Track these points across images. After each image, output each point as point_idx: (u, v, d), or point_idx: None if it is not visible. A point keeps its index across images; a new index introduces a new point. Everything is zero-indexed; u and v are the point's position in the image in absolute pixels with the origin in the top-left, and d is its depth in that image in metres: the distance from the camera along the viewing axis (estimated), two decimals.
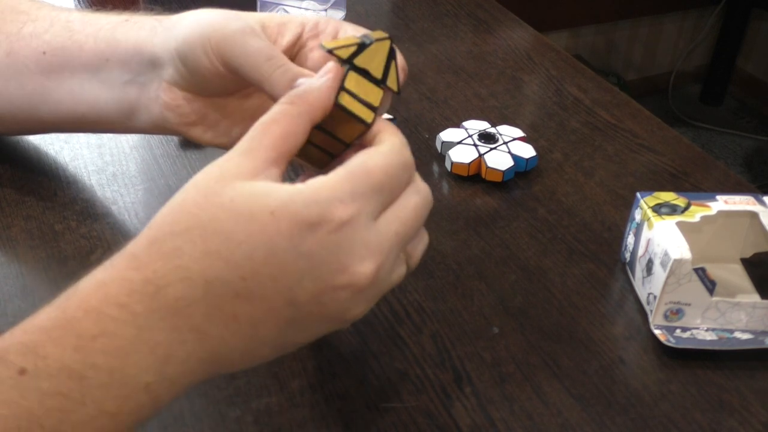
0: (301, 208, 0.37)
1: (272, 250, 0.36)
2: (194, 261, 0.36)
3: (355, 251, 0.38)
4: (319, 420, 0.47)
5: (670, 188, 0.67)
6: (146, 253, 0.37)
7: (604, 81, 0.83)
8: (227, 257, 0.36)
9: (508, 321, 0.54)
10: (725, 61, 2.70)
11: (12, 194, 0.61)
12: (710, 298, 0.53)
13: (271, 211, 0.37)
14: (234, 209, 0.37)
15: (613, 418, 0.48)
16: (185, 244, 0.36)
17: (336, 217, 0.37)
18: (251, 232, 0.36)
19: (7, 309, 0.52)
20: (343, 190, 0.38)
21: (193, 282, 0.36)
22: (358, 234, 0.38)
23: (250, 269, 0.36)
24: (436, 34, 0.90)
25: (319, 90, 0.42)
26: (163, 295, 0.36)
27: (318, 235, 0.37)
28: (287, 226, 0.36)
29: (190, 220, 0.37)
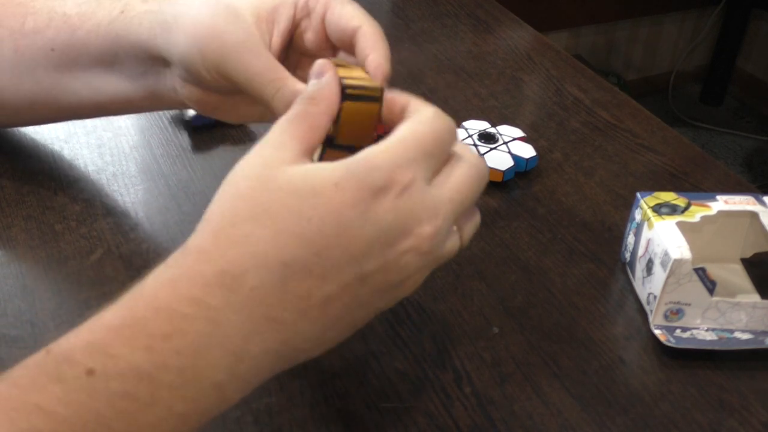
0: (364, 176, 0.36)
1: (341, 221, 0.36)
2: (267, 243, 0.35)
3: (416, 214, 0.38)
4: (319, 420, 0.47)
5: (670, 188, 0.67)
6: (214, 244, 0.36)
7: (604, 81, 0.83)
8: (299, 233, 0.36)
9: (508, 321, 0.54)
10: (725, 61, 2.70)
11: (12, 194, 0.61)
12: (710, 298, 0.53)
13: (335, 182, 0.36)
14: (295, 188, 0.36)
15: (613, 418, 0.48)
16: (255, 228, 0.36)
17: (399, 180, 0.37)
18: (318, 205, 0.36)
19: (7, 309, 0.52)
20: (399, 155, 0.37)
21: (269, 266, 0.35)
22: (418, 197, 0.38)
23: (322, 243, 0.36)
24: (436, 34, 0.90)
25: (328, 84, 0.41)
26: (240, 285, 0.35)
27: (383, 200, 0.37)
28: (352, 195, 0.36)
29: (253, 207, 0.36)
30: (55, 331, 0.50)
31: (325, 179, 0.36)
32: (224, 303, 0.35)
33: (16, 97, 0.58)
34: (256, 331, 0.35)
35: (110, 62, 0.54)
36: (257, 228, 0.36)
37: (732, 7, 2.61)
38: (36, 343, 0.50)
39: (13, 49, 0.57)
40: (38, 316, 0.52)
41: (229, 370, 0.35)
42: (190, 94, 0.52)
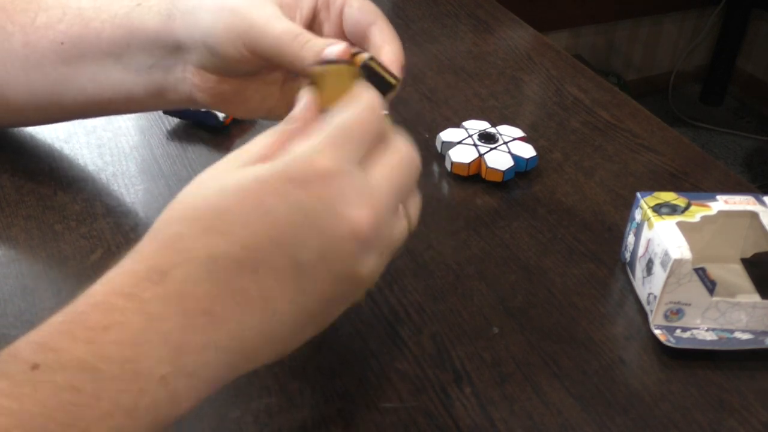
0: (283, 167, 0.37)
1: (265, 210, 0.36)
2: (194, 240, 0.36)
3: (348, 199, 0.38)
4: (319, 420, 0.47)
5: (670, 188, 0.67)
6: (148, 245, 0.37)
7: (604, 81, 0.83)
8: (225, 230, 0.36)
9: (508, 321, 0.54)
10: (725, 61, 2.70)
11: (12, 194, 0.61)
12: (710, 298, 0.53)
13: (256, 177, 0.37)
14: (223, 187, 0.37)
15: (613, 418, 0.48)
16: (183, 228, 0.37)
17: (319, 167, 0.37)
18: (241, 199, 0.37)
19: (7, 309, 0.52)
20: (318, 142, 0.38)
21: (197, 261, 0.36)
22: (346, 181, 0.38)
23: (248, 235, 0.36)
24: (436, 34, 0.90)
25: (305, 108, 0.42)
26: (170, 279, 0.35)
27: (307, 188, 0.37)
28: (274, 186, 0.37)
29: (184, 208, 0.38)
30: None
31: (249, 177, 0.37)
32: (155, 296, 0.35)
33: (22, 94, 0.59)
34: (192, 324, 0.35)
35: (119, 54, 0.55)
36: (185, 227, 0.37)
37: (732, 7, 2.61)
38: None
39: (23, 43, 0.57)
40: (38, 316, 0.52)
41: (172, 363, 0.35)
42: (203, 83, 0.52)
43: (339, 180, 0.38)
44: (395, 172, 0.41)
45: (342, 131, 0.39)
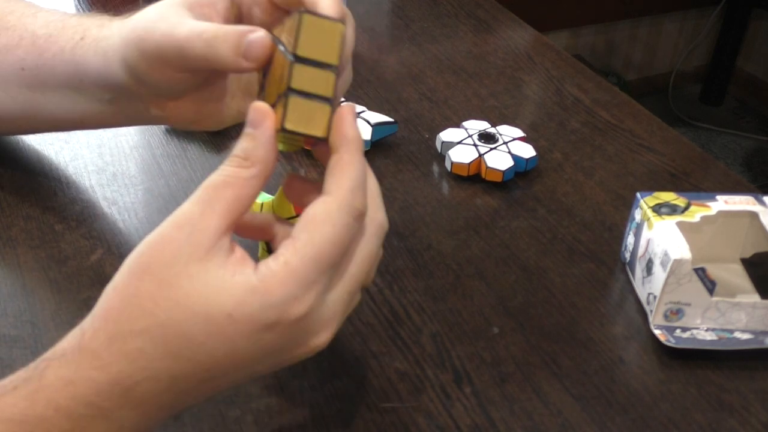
0: (258, 312, 0.37)
1: (233, 348, 0.37)
2: (158, 360, 0.37)
3: (311, 332, 0.39)
4: (319, 420, 0.47)
5: (670, 188, 0.67)
6: (108, 352, 0.37)
7: (604, 81, 0.83)
8: (190, 356, 0.37)
9: (508, 321, 0.54)
10: (725, 61, 2.70)
11: (12, 194, 0.61)
12: (710, 298, 0.53)
13: (228, 313, 0.37)
14: (191, 308, 0.37)
15: (613, 418, 0.48)
16: (146, 344, 0.37)
17: (292, 315, 0.37)
18: (210, 332, 0.37)
19: (7, 309, 0.52)
20: (296, 285, 0.37)
21: (159, 379, 0.37)
22: (312, 319, 0.39)
23: (213, 363, 0.38)
24: (436, 34, 0.90)
25: (264, 144, 0.40)
26: (131, 392, 0.37)
27: (275, 331, 0.38)
28: (244, 328, 0.37)
29: (148, 319, 0.37)
30: (55, 331, 0.51)
31: (220, 307, 0.37)
32: (117, 405, 0.37)
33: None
34: (149, 418, 0.38)
35: (77, 87, 0.55)
36: (149, 344, 0.37)
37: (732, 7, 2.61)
38: (36, 343, 0.50)
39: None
40: (38, 316, 0.52)
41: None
42: (163, 111, 0.52)
43: (308, 319, 0.38)
44: (361, 274, 0.41)
45: (320, 264, 0.38)
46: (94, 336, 0.38)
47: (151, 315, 0.37)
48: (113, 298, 0.38)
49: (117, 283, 0.38)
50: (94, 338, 0.38)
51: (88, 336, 0.38)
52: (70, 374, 0.37)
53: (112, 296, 0.38)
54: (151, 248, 0.38)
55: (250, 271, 0.38)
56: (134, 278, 0.38)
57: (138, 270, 0.38)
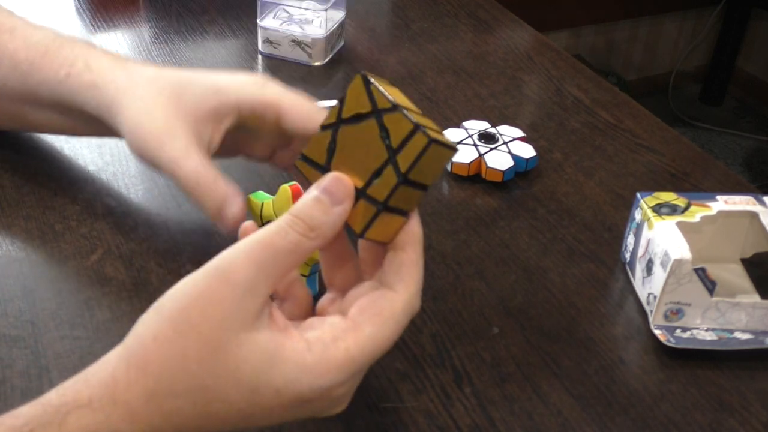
0: (306, 391, 0.37)
1: (269, 414, 0.38)
2: (192, 419, 0.37)
3: (337, 404, 0.40)
4: (319, 420, 0.47)
5: (670, 188, 0.67)
6: (144, 408, 0.36)
7: (604, 81, 0.83)
8: (224, 419, 0.37)
9: (508, 321, 0.54)
10: (725, 61, 2.70)
11: (12, 194, 0.61)
12: (710, 298, 0.53)
13: (277, 389, 0.37)
14: (239, 379, 0.36)
15: (613, 418, 0.48)
16: (186, 405, 0.36)
17: (334, 395, 0.38)
18: (254, 403, 0.37)
19: (8, 309, 0.52)
20: (347, 373, 0.38)
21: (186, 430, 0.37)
22: (346, 395, 0.40)
23: (242, 422, 0.38)
24: (436, 34, 0.90)
25: (335, 225, 0.39)
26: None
27: (313, 404, 0.38)
28: (288, 402, 0.37)
29: (191, 381, 0.36)
30: (55, 331, 0.51)
31: (269, 383, 0.36)
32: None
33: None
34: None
35: (62, 111, 0.57)
36: (189, 405, 0.36)
37: (732, 7, 2.61)
38: (36, 343, 0.50)
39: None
40: (38, 316, 0.52)
41: None
42: None
43: (342, 396, 0.39)
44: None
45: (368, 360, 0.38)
46: (129, 389, 0.36)
47: (196, 378, 0.36)
48: (153, 351, 0.36)
49: (157, 334, 0.36)
50: (128, 391, 0.36)
51: (122, 387, 0.36)
52: (96, 424, 0.36)
53: (151, 348, 0.36)
54: (198, 302, 0.36)
55: (302, 347, 0.37)
56: (179, 335, 0.36)
57: (184, 326, 0.36)
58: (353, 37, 0.88)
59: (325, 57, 0.82)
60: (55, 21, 0.86)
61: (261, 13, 0.82)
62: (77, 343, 0.50)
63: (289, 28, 0.82)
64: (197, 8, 0.91)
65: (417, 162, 0.38)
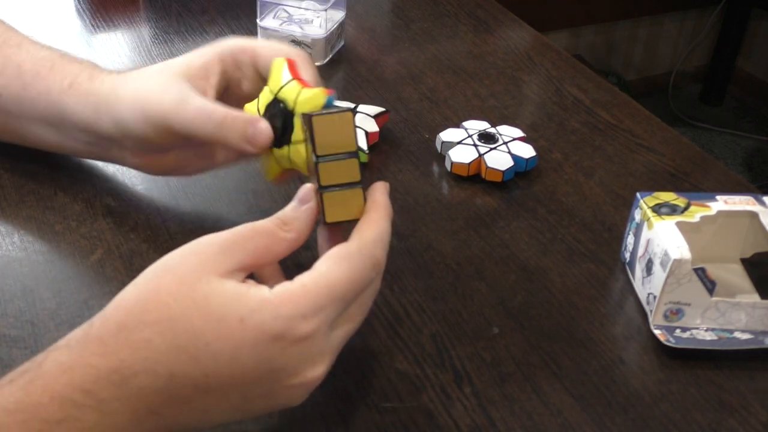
0: (268, 320, 0.39)
1: (236, 354, 0.38)
2: (161, 354, 0.38)
3: (310, 359, 0.40)
4: (319, 420, 0.47)
5: (670, 188, 0.67)
6: (114, 340, 0.38)
7: (604, 81, 0.83)
8: (194, 354, 0.38)
9: (508, 321, 0.54)
10: (725, 61, 2.70)
11: (12, 194, 0.61)
12: (710, 298, 0.53)
13: (241, 317, 0.38)
14: (206, 308, 0.38)
15: (613, 418, 0.48)
16: (155, 335, 0.38)
17: (298, 332, 0.39)
18: (219, 334, 0.38)
19: (8, 309, 0.52)
20: (306, 305, 0.39)
21: (158, 374, 0.38)
22: (315, 345, 0.40)
23: (213, 368, 0.38)
24: (436, 34, 0.90)
25: (305, 219, 0.44)
26: (128, 384, 0.37)
27: (280, 344, 0.39)
28: (253, 334, 0.38)
29: (162, 311, 0.38)
30: (56, 331, 0.51)
31: (234, 311, 0.39)
32: (112, 396, 0.37)
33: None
34: (139, 420, 0.38)
35: (57, 125, 0.58)
36: (157, 336, 0.38)
37: (732, 7, 2.61)
38: (36, 343, 0.50)
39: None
40: (38, 316, 0.52)
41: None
42: (141, 161, 0.57)
43: (310, 344, 0.40)
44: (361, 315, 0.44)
45: (332, 293, 0.40)
46: (103, 325, 0.39)
47: (165, 308, 0.38)
48: (131, 292, 0.40)
49: (137, 282, 0.40)
50: (102, 327, 0.38)
51: (97, 325, 0.39)
52: (71, 361, 0.37)
53: (130, 290, 0.40)
54: (178, 255, 0.40)
55: (265, 288, 0.40)
56: (156, 277, 0.40)
57: (161, 270, 0.40)
58: (353, 37, 0.88)
59: (325, 57, 0.82)
60: (55, 21, 0.86)
61: (261, 13, 0.82)
62: None
63: (289, 28, 0.82)
64: (197, 8, 0.91)
65: (314, 138, 0.43)
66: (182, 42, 0.84)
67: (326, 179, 0.44)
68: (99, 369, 0.37)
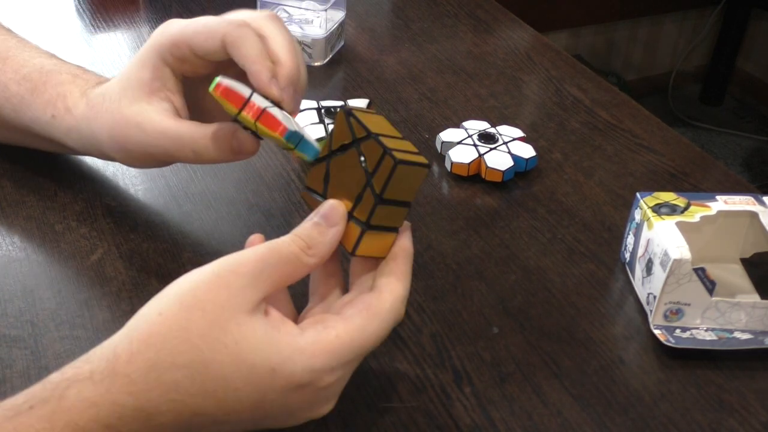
0: (299, 372, 0.39)
1: (262, 399, 0.39)
2: (190, 396, 0.38)
3: (326, 400, 0.42)
4: (319, 420, 0.47)
5: (670, 188, 0.67)
6: (143, 380, 0.37)
7: (604, 81, 0.83)
8: (221, 398, 0.38)
9: (508, 321, 0.54)
10: (725, 61, 2.70)
11: (12, 194, 0.61)
12: (710, 298, 0.53)
13: (272, 367, 0.38)
14: (238, 355, 0.38)
15: (613, 418, 0.48)
16: (185, 379, 0.38)
17: (324, 382, 0.40)
18: (249, 382, 0.38)
19: (8, 309, 0.52)
20: (339, 359, 0.40)
21: (182, 413, 0.38)
22: (333, 390, 0.41)
23: (236, 409, 0.39)
24: (436, 34, 0.90)
25: (330, 244, 0.43)
26: (151, 421, 0.38)
27: (304, 392, 0.40)
28: (281, 384, 0.39)
29: (193, 354, 0.38)
30: (56, 331, 0.51)
31: (265, 361, 0.38)
32: (133, 430, 0.37)
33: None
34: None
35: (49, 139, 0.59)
36: (188, 380, 0.38)
37: (732, 7, 2.61)
38: (36, 343, 0.50)
39: None
40: (38, 316, 0.52)
41: None
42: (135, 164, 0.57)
43: (329, 389, 0.41)
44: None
45: (361, 349, 0.41)
46: (131, 361, 0.37)
47: (197, 351, 0.38)
48: (158, 324, 0.38)
49: (163, 310, 0.38)
50: (129, 363, 0.37)
51: (124, 360, 0.38)
52: (96, 397, 0.37)
53: (156, 322, 0.38)
54: (206, 285, 0.39)
55: (296, 331, 0.40)
56: (185, 311, 0.38)
57: (190, 304, 0.38)
58: (353, 37, 0.88)
59: (325, 57, 0.82)
60: (55, 21, 0.86)
61: None
62: (77, 343, 0.50)
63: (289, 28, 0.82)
64: (197, 8, 0.91)
65: (388, 183, 0.42)
66: None
67: (377, 220, 0.43)
68: (125, 407, 0.37)
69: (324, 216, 0.43)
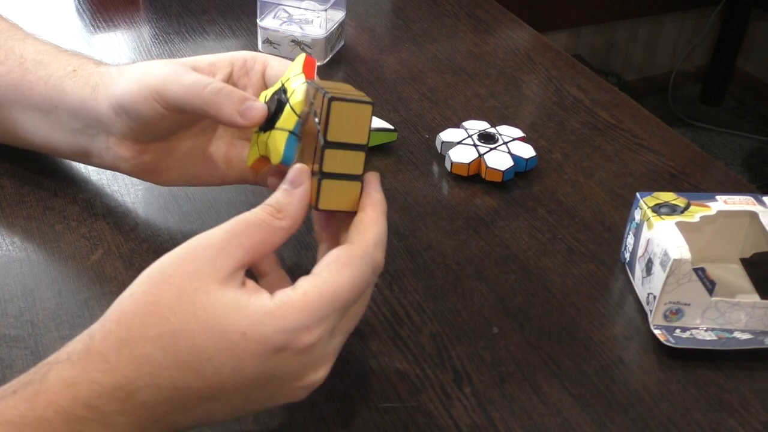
0: (270, 333, 0.38)
1: (239, 366, 0.38)
2: (164, 369, 0.38)
3: (312, 365, 0.41)
4: (319, 420, 0.47)
5: (670, 188, 0.67)
6: (116, 356, 0.38)
7: (604, 81, 0.83)
8: (196, 368, 0.38)
9: (508, 321, 0.54)
10: (725, 61, 2.70)
11: (12, 194, 0.61)
12: (710, 298, 0.53)
13: (243, 331, 0.38)
14: (207, 322, 0.38)
15: (613, 418, 0.48)
16: (157, 351, 0.38)
17: (301, 343, 0.39)
18: (221, 348, 0.38)
19: (8, 309, 0.52)
20: (310, 316, 0.39)
21: (161, 388, 0.38)
22: (317, 352, 0.40)
23: (216, 380, 0.38)
24: (436, 34, 0.90)
25: (299, 204, 0.43)
26: (132, 399, 0.38)
27: (282, 355, 0.39)
28: (255, 347, 0.38)
29: (162, 326, 0.38)
30: (56, 331, 0.51)
31: (235, 324, 0.38)
32: (116, 411, 0.37)
33: None
34: (143, 429, 0.39)
35: (47, 111, 0.57)
36: (159, 351, 0.38)
37: (732, 7, 2.61)
38: (36, 343, 0.50)
39: None
40: (38, 316, 0.52)
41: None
42: (125, 153, 0.55)
43: (313, 352, 0.40)
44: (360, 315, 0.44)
45: (335, 303, 0.40)
46: (104, 339, 0.38)
47: (166, 323, 0.38)
48: (129, 304, 0.39)
49: (134, 291, 0.39)
50: (103, 341, 0.38)
51: (98, 339, 0.38)
52: (74, 376, 0.37)
53: (128, 302, 0.39)
54: (174, 261, 0.40)
55: (266, 296, 0.39)
56: (153, 287, 0.39)
57: (158, 279, 0.39)
58: (353, 37, 0.88)
59: (325, 57, 0.82)
60: (55, 21, 0.86)
61: (261, 13, 0.82)
62: None
63: (289, 28, 0.82)
64: (197, 8, 0.91)
65: (328, 123, 0.42)
66: (182, 42, 0.84)
67: (329, 166, 0.43)
68: (103, 385, 0.37)
69: (290, 180, 0.43)
